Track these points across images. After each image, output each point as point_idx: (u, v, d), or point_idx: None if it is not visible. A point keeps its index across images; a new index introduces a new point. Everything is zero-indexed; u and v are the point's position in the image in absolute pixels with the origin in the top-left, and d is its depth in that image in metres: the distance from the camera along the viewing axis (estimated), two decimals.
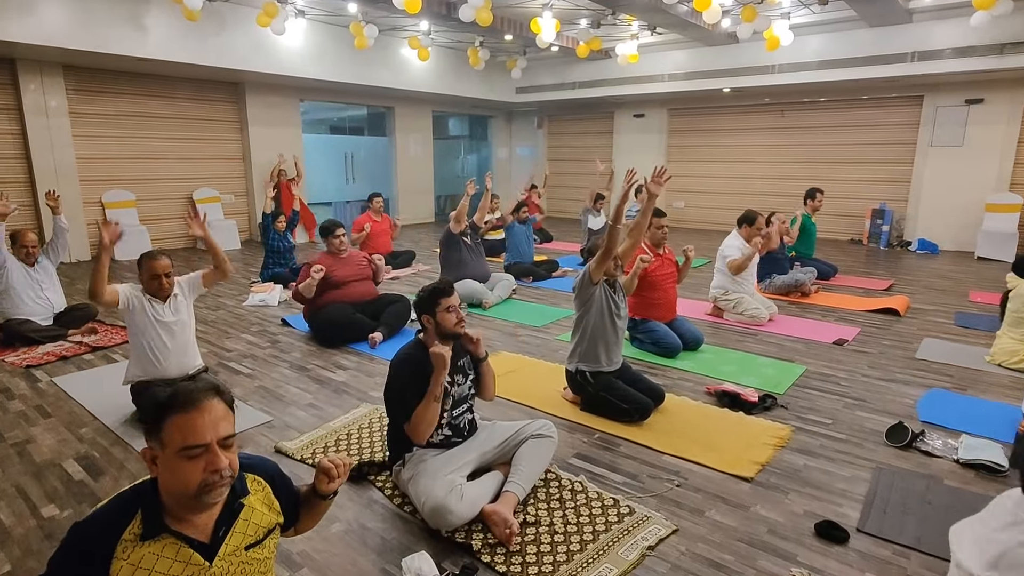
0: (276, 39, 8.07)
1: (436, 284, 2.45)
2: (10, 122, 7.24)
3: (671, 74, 9.96)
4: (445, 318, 2.39)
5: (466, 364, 2.55)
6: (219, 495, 1.27)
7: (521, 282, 6.51)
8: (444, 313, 2.39)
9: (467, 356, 2.57)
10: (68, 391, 3.53)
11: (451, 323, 2.41)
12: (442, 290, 2.41)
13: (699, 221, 11.63)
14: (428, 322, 2.43)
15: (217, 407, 1.28)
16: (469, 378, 2.56)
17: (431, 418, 2.28)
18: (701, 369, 3.90)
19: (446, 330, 2.41)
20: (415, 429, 2.29)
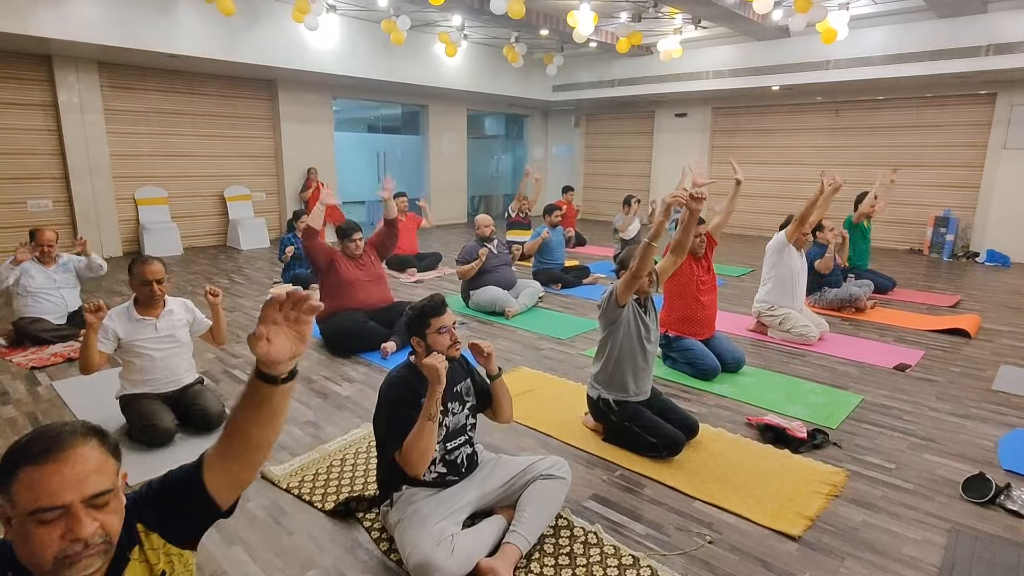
0: (309, 36, 7.94)
1: (426, 301, 2.14)
2: (46, 118, 7.31)
3: (716, 71, 9.44)
4: (437, 340, 2.09)
5: (463, 390, 2.25)
6: (85, 568, 0.98)
7: (549, 289, 6.17)
8: (435, 335, 2.09)
9: (465, 381, 2.26)
10: (64, 398, 3.38)
11: (443, 346, 2.10)
12: (432, 308, 2.11)
13: (742, 226, 11.04)
14: (418, 345, 2.14)
15: (87, 456, 0.99)
16: (467, 406, 2.25)
17: (426, 443, 1.97)
18: (742, 395, 3.49)
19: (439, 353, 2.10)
20: (407, 458, 1.99)
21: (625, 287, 2.68)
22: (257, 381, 1.06)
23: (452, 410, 2.19)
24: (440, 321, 2.10)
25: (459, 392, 2.23)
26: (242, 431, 1.11)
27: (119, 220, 7.99)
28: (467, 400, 2.26)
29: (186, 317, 3.07)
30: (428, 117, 11.36)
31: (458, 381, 2.24)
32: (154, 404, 2.87)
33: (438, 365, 1.95)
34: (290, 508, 2.33)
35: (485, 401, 2.33)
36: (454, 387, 2.21)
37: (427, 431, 1.95)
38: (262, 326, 1.01)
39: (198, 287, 6.24)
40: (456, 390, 2.22)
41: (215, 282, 6.51)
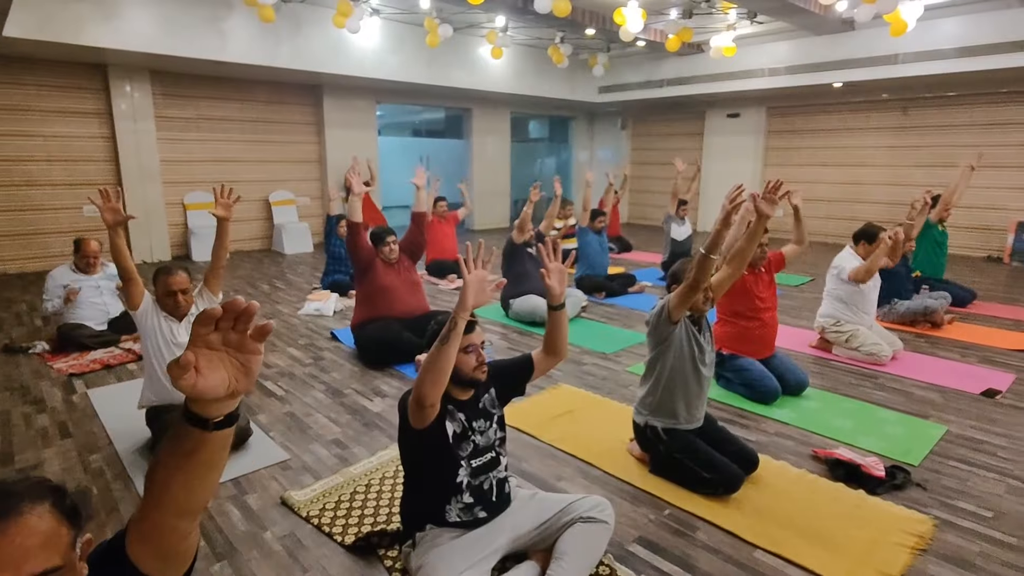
0: (352, 40, 7.93)
1: None
2: (101, 126, 7.51)
3: (772, 68, 8.96)
4: (462, 361, 1.88)
5: (488, 403, 2.03)
6: None
7: (592, 298, 5.90)
8: (461, 355, 1.88)
9: (489, 392, 2.05)
10: (96, 407, 3.34)
11: (469, 367, 1.89)
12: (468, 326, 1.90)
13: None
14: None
15: (34, 527, 0.81)
16: (494, 419, 2.03)
17: (440, 368, 1.71)
18: (806, 423, 3.14)
19: (462, 375, 1.89)
20: (420, 382, 1.74)
21: (680, 301, 2.41)
22: (184, 424, 0.81)
23: (479, 428, 1.98)
24: (467, 339, 1.89)
25: (484, 407, 2.02)
26: (165, 489, 0.86)
27: (169, 224, 8.15)
28: (493, 412, 2.05)
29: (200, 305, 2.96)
30: (471, 121, 11.25)
31: (482, 395, 2.03)
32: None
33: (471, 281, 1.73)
34: (309, 541, 2.17)
35: (517, 384, 2.14)
36: (479, 403, 2.00)
37: (440, 352, 1.71)
38: (190, 350, 0.77)
39: (241, 291, 6.25)
40: (481, 405, 2.01)
41: (257, 287, 6.52)
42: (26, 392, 3.57)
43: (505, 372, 2.12)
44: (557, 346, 2.11)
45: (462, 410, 1.94)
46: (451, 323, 1.72)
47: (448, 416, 1.90)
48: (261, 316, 3.46)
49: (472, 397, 1.99)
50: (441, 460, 1.89)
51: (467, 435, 1.93)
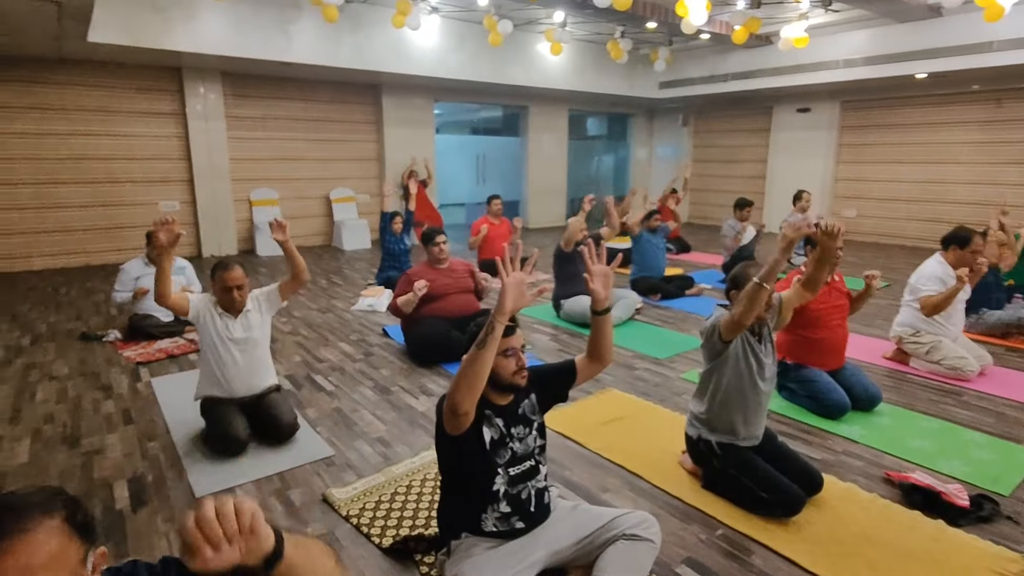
0: (412, 39, 8.01)
1: None
2: (176, 126, 7.90)
3: (847, 59, 8.43)
4: (501, 364, 1.79)
5: (527, 409, 1.94)
6: None
7: (647, 300, 5.71)
8: (500, 358, 1.79)
9: (529, 398, 1.96)
10: (159, 395, 3.47)
11: (508, 371, 1.81)
12: (508, 329, 1.82)
13: (875, 233, 9.84)
14: None
15: (40, 544, 0.80)
16: (533, 425, 1.94)
17: (476, 373, 1.63)
18: (878, 441, 2.90)
19: (501, 379, 1.81)
20: (455, 387, 1.66)
21: (730, 328, 2.26)
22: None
23: (517, 435, 1.89)
24: (507, 342, 1.81)
25: (523, 413, 1.93)
26: None
27: (235, 220, 8.49)
28: (532, 419, 1.96)
29: (261, 306, 3.01)
30: (528, 118, 11.18)
31: (522, 400, 1.94)
32: (230, 411, 2.83)
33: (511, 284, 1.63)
34: (347, 541, 2.15)
35: (558, 390, 2.03)
36: (518, 408, 1.92)
37: (479, 360, 1.63)
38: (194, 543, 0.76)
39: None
40: (520, 411, 1.93)
41: (316, 281, 6.68)
42: (97, 378, 3.76)
43: (546, 377, 2.03)
44: (601, 352, 2.01)
45: (500, 415, 1.87)
46: (488, 327, 1.64)
47: (485, 421, 1.83)
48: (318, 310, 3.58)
49: (511, 402, 1.91)
50: (477, 467, 1.83)
51: (505, 442, 1.85)
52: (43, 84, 7.06)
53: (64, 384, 3.66)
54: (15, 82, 6.91)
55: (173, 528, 2.22)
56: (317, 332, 4.76)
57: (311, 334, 4.70)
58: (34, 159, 7.15)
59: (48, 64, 7.01)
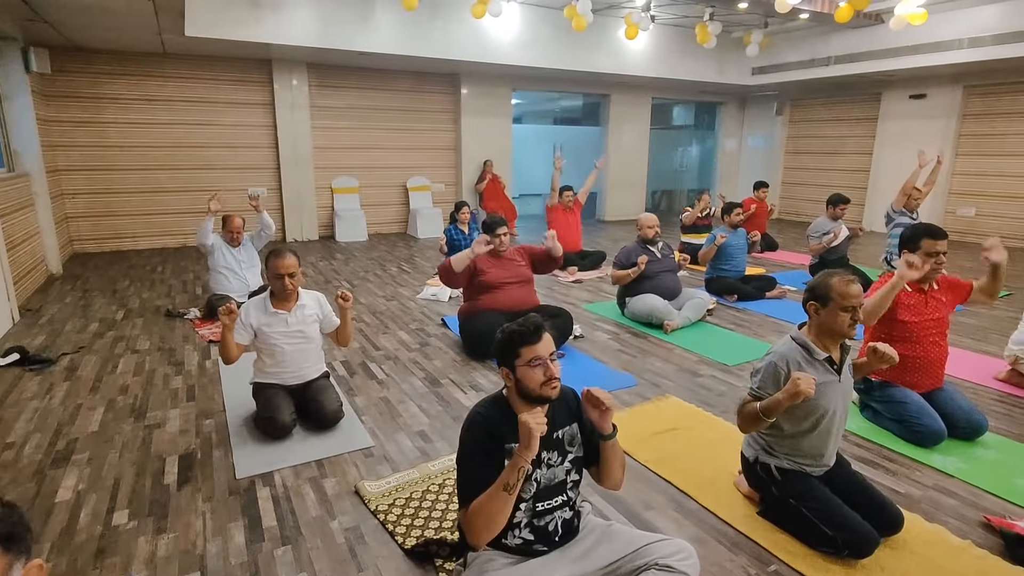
0: (490, 28, 7.95)
1: (517, 324, 1.71)
2: (265, 115, 8.29)
3: (972, 38, 7.49)
4: (527, 375, 1.65)
5: (565, 437, 1.79)
6: None
7: (722, 300, 5.35)
8: (526, 368, 1.65)
9: (570, 426, 1.81)
10: (222, 374, 3.61)
11: (536, 382, 1.66)
12: (522, 335, 1.67)
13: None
14: (507, 378, 1.72)
15: None
16: (568, 457, 1.79)
17: (497, 511, 1.58)
18: (978, 477, 2.50)
19: (529, 392, 1.67)
20: (471, 523, 1.61)
21: None
22: None
23: (547, 461, 1.75)
24: (533, 351, 1.66)
25: (560, 439, 1.78)
26: None
27: (317, 207, 8.82)
28: (569, 451, 1.80)
29: (317, 312, 3.04)
30: (609, 107, 10.85)
31: (560, 425, 1.79)
32: (278, 396, 2.88)
33: (532, 426, 1.53)
34: (371, 538, 2.10)
35: (593, 455, 1.84)
36: (553, 433, 1.77)
37: (500, 500, 1.55)
38: None
39: (371, 272, 6.57)
40: (557, 436, 1.78)
41: (386, 268, 6.80)
42: (172, 354, 3.98)
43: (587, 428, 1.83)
44: (608, 480, 1.83)
45: None
46: (515, 471, 1.54)
47: (508, 454, 1.66)
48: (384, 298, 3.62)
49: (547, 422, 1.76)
50: None
51: (530, 474, 1.70)
52: (149, 77, 7.61)
53: (143, 358, 3.89)
54: (127, 75, 7.50)
55: (210, 508, 2.27)
56: (379, 319, 4.82)
57: (373, 321, 4.76)
58: (141, 147, 7.74)
59: (155, 58, 7.54)
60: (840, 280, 2.03)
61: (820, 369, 2.05)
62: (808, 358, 2.06)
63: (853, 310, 2.01)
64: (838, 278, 2.05)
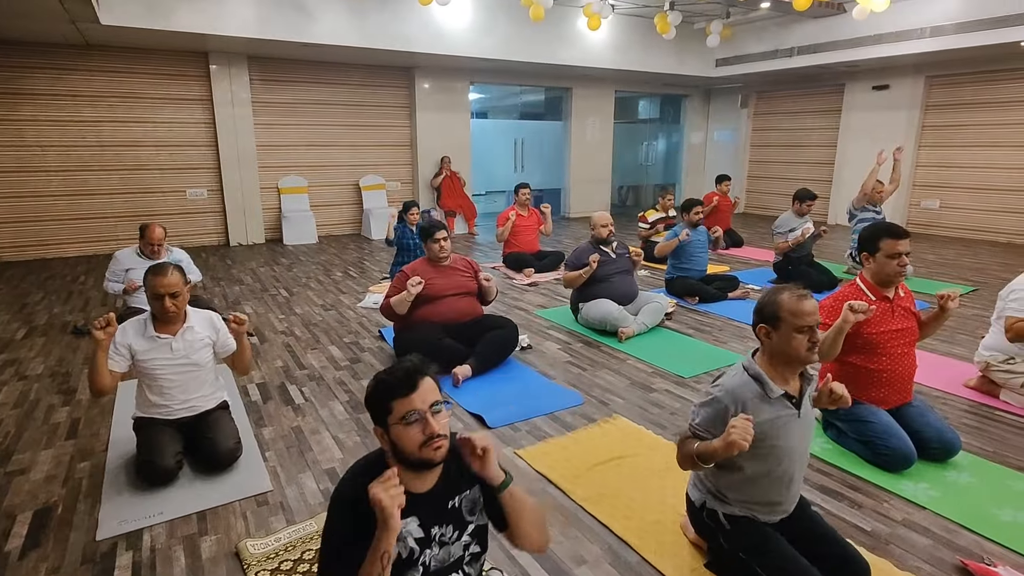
0: (444, 18, 7.56)
1: (387, 371, 1.36)
2: (204, 112, 7.77)
3: (935, 27, 7.35)
4: (402, 435, 1.30)
5: (465, 504, 1.44)
6: None
7: (683, 303, 5.08)
8: (401, 428, 1.31)
9: (470, 490, 1.46)
10: (118, 403, 3.18)
11: (414, 443, 1.30)
12: (391, 384, 1.32)
13: (961, 227, 8.68)
14: (381, 439, 1.37)
15: None
16: (468, 529, 1.45)
17: None
18: (953, 509, 2.23)
19: (407, 455, 1.32)
20: None
21: None
22: None
23: (440, 537, 1.40)
24: (407, 404, 1.31)
25: (456, 508, 1.43)
26: None
27: (263, 208, 8.33)
28: (470, 520, 1.45)
29: (209, 335, 2.63)
30: (571, 101, 10.53)
31: (455, 490, 1.44)
32: (162, 434, 2.47)
33: (383, 501, 1.20)
34: None
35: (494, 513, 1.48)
36: (448, 501, 1.42)
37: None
38: None
39: (315, 278, 6.14)
40: (452, 505, 1.42)
41: (331, 274, 6.38)
42: (66, 379, 3.53)
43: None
44: (523, 542, 1.48)
45: (416, 511, 1.37)
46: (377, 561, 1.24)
47: None
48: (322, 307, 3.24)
49: (437, 488, 1.41)
50: None
51: (414, 558, 1.36)
52: (72, 71, 7.04)
53: (30, 386, 3.44)
54: (46, 69, 6.91)
55: None
56: (311, 332, 4.42)
57: (304, 335, 4.36)
58: (63, 146, 7.16)
59: (78, 51, 6.97)
60: (791, 296, 1.72)
61: (777, 406, 1.74)
62: (762, 394, 1.74)
63: (810, 330, 1.70)
64: (788, 293, 1.73)
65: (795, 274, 5.50)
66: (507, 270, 6.43)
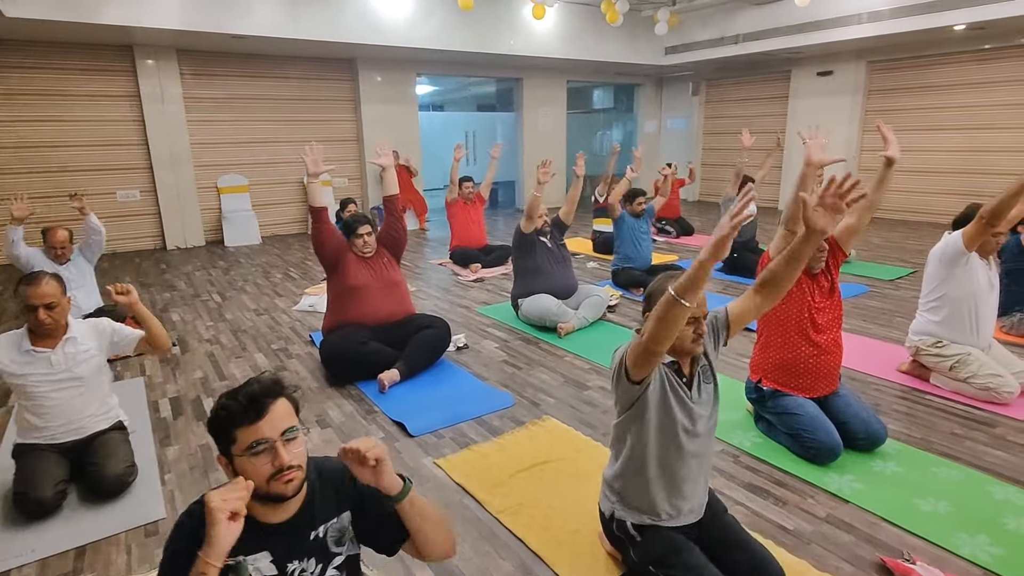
0: (384, 8, 7.31)
1: (229, 395, 1.20)
2: (131, 109, 7.36)
3: (872, 12, 7.42)
4: (248, 467, 1.16)
5: (331, 535, 1.30)
6: None
7: (628, 294, 5.00)
8: (247, 460, 1.16)
9: (337, 519, 1.32)
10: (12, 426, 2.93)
11: (261, 476, 1.16)
12: (233, 410, 1.16)
13: (904, 210, 8.85)
14: (226, 469, 1.22)
15: None
16: (334, 562, 1.31)
17: None
18: (876, 502, 2.17)
19: (255, 489, 1.17)
20: None
21: (637, 361, 1.55)
22: None
23: (300, 574, 1.26)
24: (253, 433, 1.16)
25: (321, 540, 1.29)
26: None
27: (202, 209, 7.97)
28: (336, 552, 1.31)
29: (94, 346, 2.41)
30: (522, 91, 10.38)
31: (319, 519, 1.29)
32: (43, 461, 2.25)
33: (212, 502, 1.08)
34: None
35: (395, 534, 1.33)
36: (310, 532, 1.27)
37: None
38: None
39: (252, 281, 5.87)
40: (315, 536, 1.28)
41: (270, 276, 6.12)
42: None
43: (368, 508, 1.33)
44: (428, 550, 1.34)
45: (270, 544, 1.22)
46: None
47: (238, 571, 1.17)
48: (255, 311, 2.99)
49: (297, 518, 1.26)
50: None
51: None
52: None
53: None
54: None
55: None
56: (239, 340, 4.19)
57: (230, 343, 4.13)
58: None
59: None
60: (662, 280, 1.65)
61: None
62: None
63: (695, 321, 1.60)
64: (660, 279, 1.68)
65: (741, 261, 5.49)
66: (454, 266, 6.28)
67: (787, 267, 1.64)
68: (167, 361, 3.78)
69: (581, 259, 6.58)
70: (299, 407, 1.28)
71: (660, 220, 7.95)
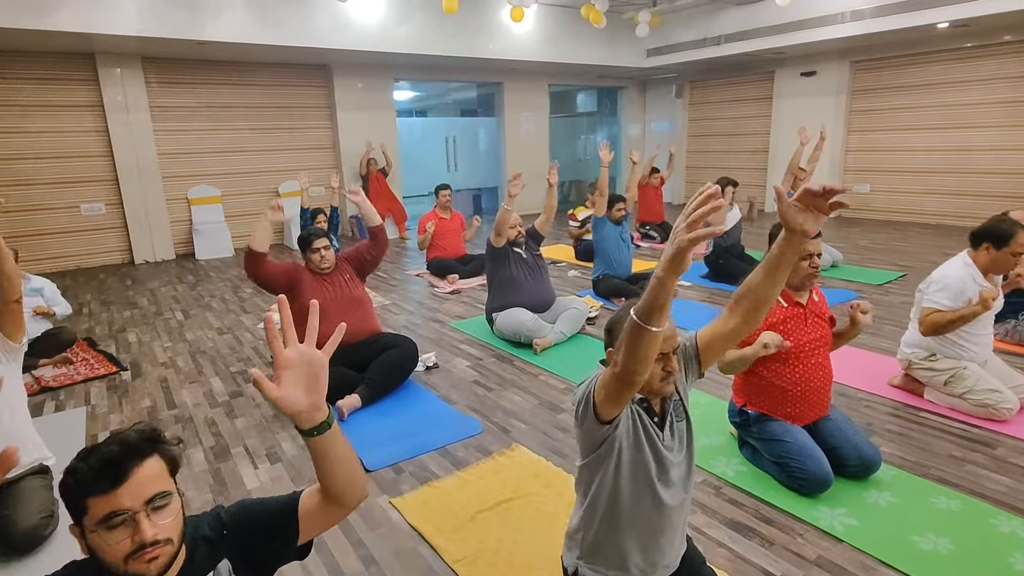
0: (355, 11, 7.10)
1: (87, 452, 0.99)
2: (95, 119, 7.09)
3: (855, 11, 7.30)
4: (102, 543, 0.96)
5: None
6: None
7: (609, 304, 4.81)
8: (100, 535, 0.96)
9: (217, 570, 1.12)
10: None
11: (118, 555, 0.96)
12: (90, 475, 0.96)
13: (890, 210, 8.74)
14: (80, 541, 1.00)
15: None
16: None
17: None
18: (871, 540, 1.98)
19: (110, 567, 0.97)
20: None
21: (608, 397, 1.33)
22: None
23: None
24: (108, 503, 0.95)
25: None
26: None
27: (171, 222, 7.69)
28: None
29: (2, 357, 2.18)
30: (503, 95, 10.20)
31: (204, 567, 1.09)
32: None
33: None
34: None
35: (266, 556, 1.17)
36: None
37: None
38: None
39: (219, 297, 5.62)
40: None
41: (239, 291, 5.87)
42: None
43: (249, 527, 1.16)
44: (333, 487, 1.14)
45: None
46: None
47: None
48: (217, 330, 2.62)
49: None
50: None
51: None
52: None
53: None
54: None
55: None
56: (196, 362, 3.94)
57: (187, 365, 3.88)
58: None
59: None
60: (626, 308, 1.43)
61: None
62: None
63: (664, 358, 1.39)
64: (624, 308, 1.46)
65: (726, 267, 5.32)
66: (431, 277, 6.06)
67: (766, 278, 1.40)
68: (114, 388, 3.53)
69: (563, 267, 6.38)
70: (177, 465, 1.08)
71: (643, 225, 7.78)
